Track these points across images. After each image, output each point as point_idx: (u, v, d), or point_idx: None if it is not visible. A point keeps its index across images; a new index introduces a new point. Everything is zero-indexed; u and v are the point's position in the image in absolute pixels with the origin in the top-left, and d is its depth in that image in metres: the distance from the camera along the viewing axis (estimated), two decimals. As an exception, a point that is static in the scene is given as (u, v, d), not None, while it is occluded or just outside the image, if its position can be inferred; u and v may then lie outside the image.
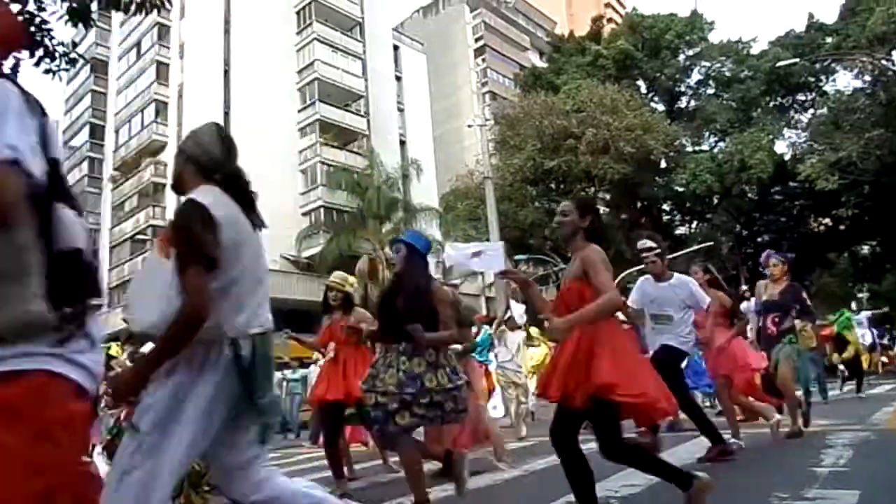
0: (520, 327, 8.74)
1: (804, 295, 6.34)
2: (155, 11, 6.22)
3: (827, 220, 32.46)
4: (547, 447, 6.45)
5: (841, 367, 12.85)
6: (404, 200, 30.74)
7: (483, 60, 50.21)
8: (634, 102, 28.41)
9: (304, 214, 33.03)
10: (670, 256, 9.79)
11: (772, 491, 3.47)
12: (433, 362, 3.58)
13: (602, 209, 32.40)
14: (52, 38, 5.81)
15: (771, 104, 31.66)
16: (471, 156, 33.75)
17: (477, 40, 51.02)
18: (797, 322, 6.52)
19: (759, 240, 33.89)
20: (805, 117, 31.47)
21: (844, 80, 31.97)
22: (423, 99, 43.55)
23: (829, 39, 29.45)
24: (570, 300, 3.07)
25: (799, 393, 6.76)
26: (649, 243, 5.31)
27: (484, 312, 29.21)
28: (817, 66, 29.33)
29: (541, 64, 42.05)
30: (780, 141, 31.10)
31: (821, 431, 6.07)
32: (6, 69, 1.47)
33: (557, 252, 30.22)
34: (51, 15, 5.73)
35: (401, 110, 40.96)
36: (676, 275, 5.35)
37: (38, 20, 5.69)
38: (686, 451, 5.43)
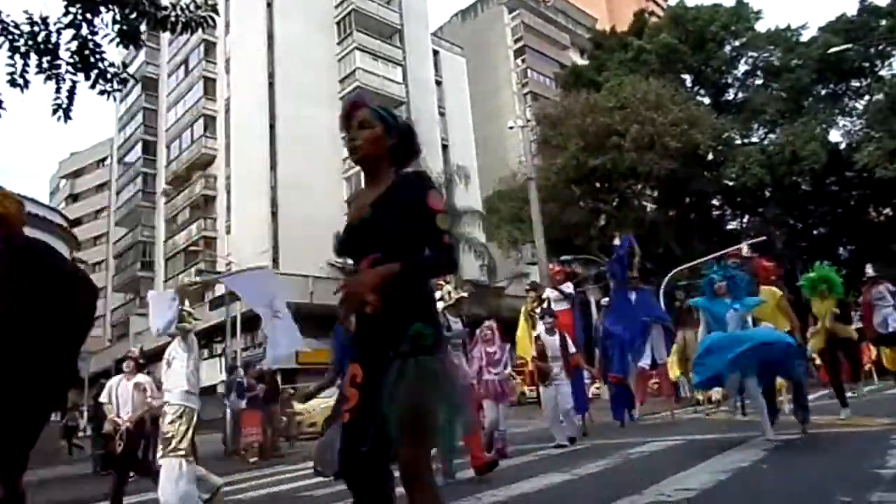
0: None
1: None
2: (200, 29, 6.38)
3: (888, 210, 31.25)
4: (599, 450, 6.40)
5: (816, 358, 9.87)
6: (447, 204, 30.82)
7: (523, 61, 50.03)
8: (679, 97, 27.85)
9: (349, 221, 33.46)
10: (722, 252, 9.57)
11: (834, 494, 3.35)
12: None
13: (650, 206, 31.84)
14: (104, 59, 6.03)
15: (823, 92, 30.64)
16: (513, 157, 33.65)
17: (516, 41, 50.87)
18: None
19: (814, 232, 32.82)
20: (860, 104, 30.37)
21: (901, 64, 30.72)
22: (464, 102, 43.66)
23: (882, 22, 28.36)
24: None
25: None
26: None
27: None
28: (871, 50, 28.28)
29: (582, 62, 41.65)
30: (834, 130, 30.11)
31: (885, 431, 5.83)
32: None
33: (604, 251, 29.84)
34: (103, 38, 5.94)
35: (442, 115, 41.14)
36: None
37: (91, 44, 5.91)
38: (743, 452, 5.29)
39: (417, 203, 2.07)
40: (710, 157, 30.19)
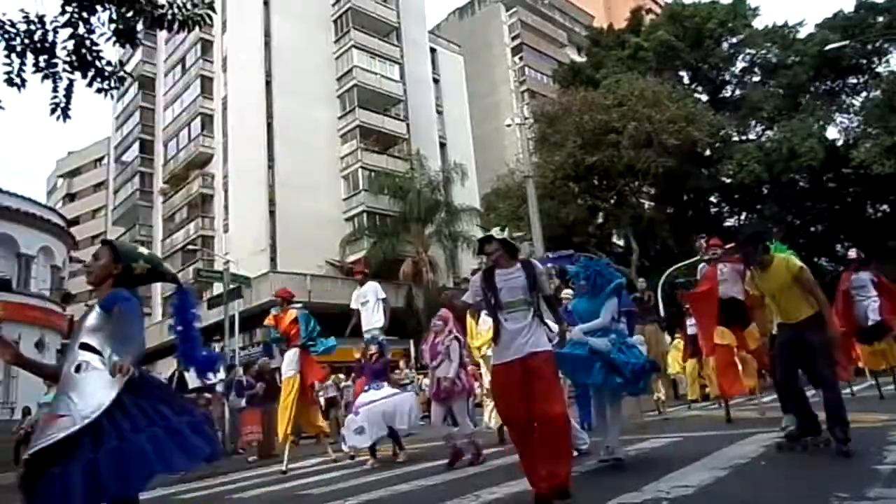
0: None
1: None
2: (197, 27, 6.38)
3: (885, 207, 31.27)
4: (596, 448, 6.39)
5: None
6: (445, 202, 30.85)
7: (520, 59, 50.01)
8: (677, 94, 27.85)
9: (347, 220, 33.43)
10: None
11: (831, 490, 3.36)
12: None
13: (647, 203, 31.85)
14: (101, 58, 6.02)
15: (820, 89, 30.64)
16: (511, 155, 33.59)
17: (514, 38, 50.84)
18: None
19: (811, 229, 32.84)
20: (857, 101, 30.37)
21: (898, 61, 30.73)
22: (462, 100, 43.64)
23: (880, 19, 28.35)
24: None
25: None
26: None
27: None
28: (868, 47, 28.29)
29: (579, 59, 41.64)
30: (832, 126, 30.10)
31: (882, 428, 5.85)
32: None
33: (602, 249, 29.87)
34: (99, 37, 5.94)
35: (440, 112, 41.11)
36: None
37: (87, 42, 5.90)
38: (741, 448, 5.31)
39: None
40: (708, 154, 30.22)
